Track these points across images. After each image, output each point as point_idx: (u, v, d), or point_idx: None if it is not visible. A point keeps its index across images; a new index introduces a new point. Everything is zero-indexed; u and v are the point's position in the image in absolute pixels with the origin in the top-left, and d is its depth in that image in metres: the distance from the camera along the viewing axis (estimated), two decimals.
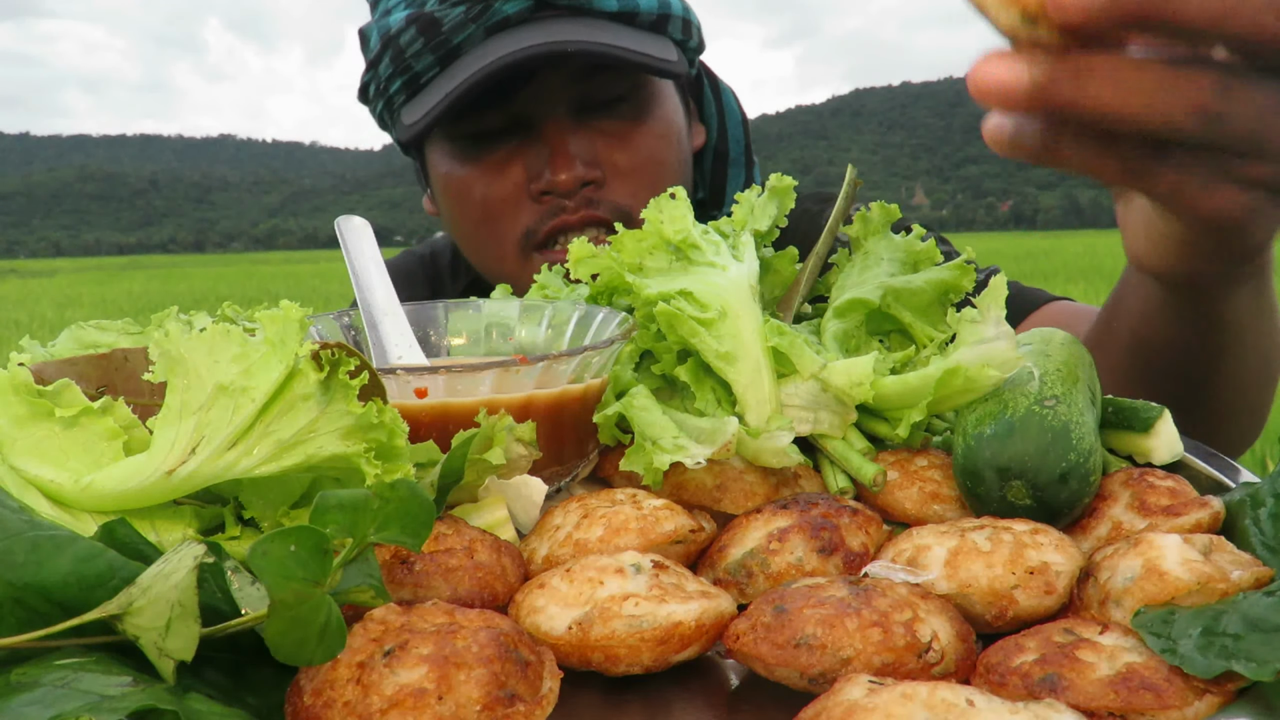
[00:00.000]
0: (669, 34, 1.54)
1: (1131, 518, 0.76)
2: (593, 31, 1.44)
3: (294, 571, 0.52)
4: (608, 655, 0.63)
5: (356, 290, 1.05)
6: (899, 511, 0.84)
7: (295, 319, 0.67)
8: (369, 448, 0.67)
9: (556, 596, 0.66)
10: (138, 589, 0.53)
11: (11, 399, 0.70)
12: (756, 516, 0.77)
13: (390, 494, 0.59)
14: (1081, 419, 0.78)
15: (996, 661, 0.60)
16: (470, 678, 0.54)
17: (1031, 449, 0.76)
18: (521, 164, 1.52)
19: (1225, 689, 0.56)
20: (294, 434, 0.66)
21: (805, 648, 0.60)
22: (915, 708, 0.50)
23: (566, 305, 1.07)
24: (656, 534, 0.75)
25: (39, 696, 0.48)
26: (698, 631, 0.63)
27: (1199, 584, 0.62)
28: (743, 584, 0.73)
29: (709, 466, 0.84)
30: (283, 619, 0.52)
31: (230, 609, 0.57)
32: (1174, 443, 0.87)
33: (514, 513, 0.83)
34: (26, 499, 0.67)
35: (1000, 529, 0.70)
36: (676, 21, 1.56)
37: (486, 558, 0.71)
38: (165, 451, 0.67)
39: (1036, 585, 0.66)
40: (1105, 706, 0.55)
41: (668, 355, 0.97)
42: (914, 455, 0.88)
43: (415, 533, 0.59)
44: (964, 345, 0.84)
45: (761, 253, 1.07)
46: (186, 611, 0.52)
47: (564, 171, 1.47)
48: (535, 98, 1.48)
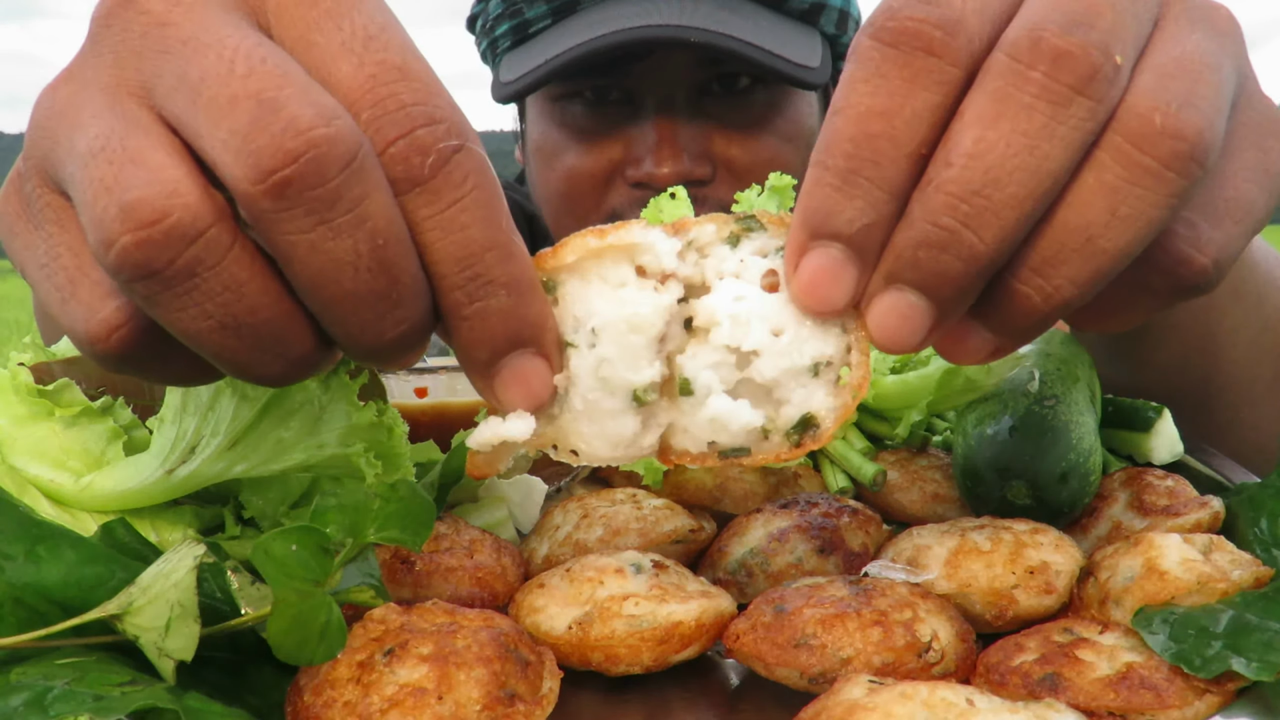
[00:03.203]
0: (820, 26, 1.38)
1: (1131, 517, 0.76)
2: (730, 17, 1.28)
3: (295, 571, 0.52)
4: (608, 655, 0.63)
5: None
6: (899, 511, 0.84)
7: None
8: (369, 448, 0.67)
9: (556, 596, 0.66)
10: (138, 589, 0.53)
11: (11, 399, 0.70)
12: (756, 516, 0.77)
13: (390, 494, 0.59)
14: (1081, 419, 0.78)
15: (996, 661, 0.60)
16: (470, 678, 0.54)
17: (1031, 449, 0.76)
18: (623, 143, 1.38)
19: (1225, 689, 0.56)
20: (294, 434, 0.66)
21: (805, 647, 0.60)
22: (915, 707, 0.50)
23: None
24: (656, 534, 0.75)
25: (39, 696, 0.48)
26: (698, 631, 0.63)
27: (1199, 584, 0.62)
28: (743, 584, 0.73)
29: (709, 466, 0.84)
30: (284, 618, 0.52)
31: (230, 609, 0.57)
32: (1174, 443, 0.87)
33: (514, 513, 0.83)
34: (26, 499, 0.67)
35: (1000, 529, 0.70)
36: (832, 13, 1.39)
37: (486, 558, 0.71)
38: (165, 451, 0.67)
39: (1036, 585, 0.66)
40: (1105, 706, 0.55)
41: None
42: (914, 455, 0.88)
43: (415, 533, 0.59)
44: None
45: None
46: (186, 611, 0.52)
47: (667, 164, 1.33)
48: (650, 75, 1.34)
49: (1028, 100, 0.45)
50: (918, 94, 0.46)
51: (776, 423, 0.52)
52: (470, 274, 0.47)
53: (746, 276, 0.52)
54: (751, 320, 0.51)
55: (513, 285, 0.48)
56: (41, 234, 0.50)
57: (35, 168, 0.50)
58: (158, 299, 0.45)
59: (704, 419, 0.52)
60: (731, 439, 0.53)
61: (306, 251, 0.44)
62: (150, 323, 0.48)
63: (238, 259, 0.45)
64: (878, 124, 0.46)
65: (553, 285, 0.52)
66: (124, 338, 0.48)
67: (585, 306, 0.52)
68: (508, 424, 0.51)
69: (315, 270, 0.44)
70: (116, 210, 0.43)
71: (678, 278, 0.52)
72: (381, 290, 0.45)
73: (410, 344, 0.48)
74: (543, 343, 0.50)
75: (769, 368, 0.51)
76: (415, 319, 0.47)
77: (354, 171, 0.44)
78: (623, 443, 0.53)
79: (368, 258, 0.45)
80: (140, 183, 0.43)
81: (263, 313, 0.46)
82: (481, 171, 0.47)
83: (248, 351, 0.47)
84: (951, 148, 0.46)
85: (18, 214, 0.52)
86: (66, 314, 0.49)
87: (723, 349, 0.52)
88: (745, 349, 0.51)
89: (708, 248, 0.53)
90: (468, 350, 0.50)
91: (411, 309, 0.47)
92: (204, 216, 0.44)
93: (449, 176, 0.46)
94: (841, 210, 0.47)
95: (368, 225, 0.44)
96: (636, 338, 0.51)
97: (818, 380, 0.52)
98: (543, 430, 0.53)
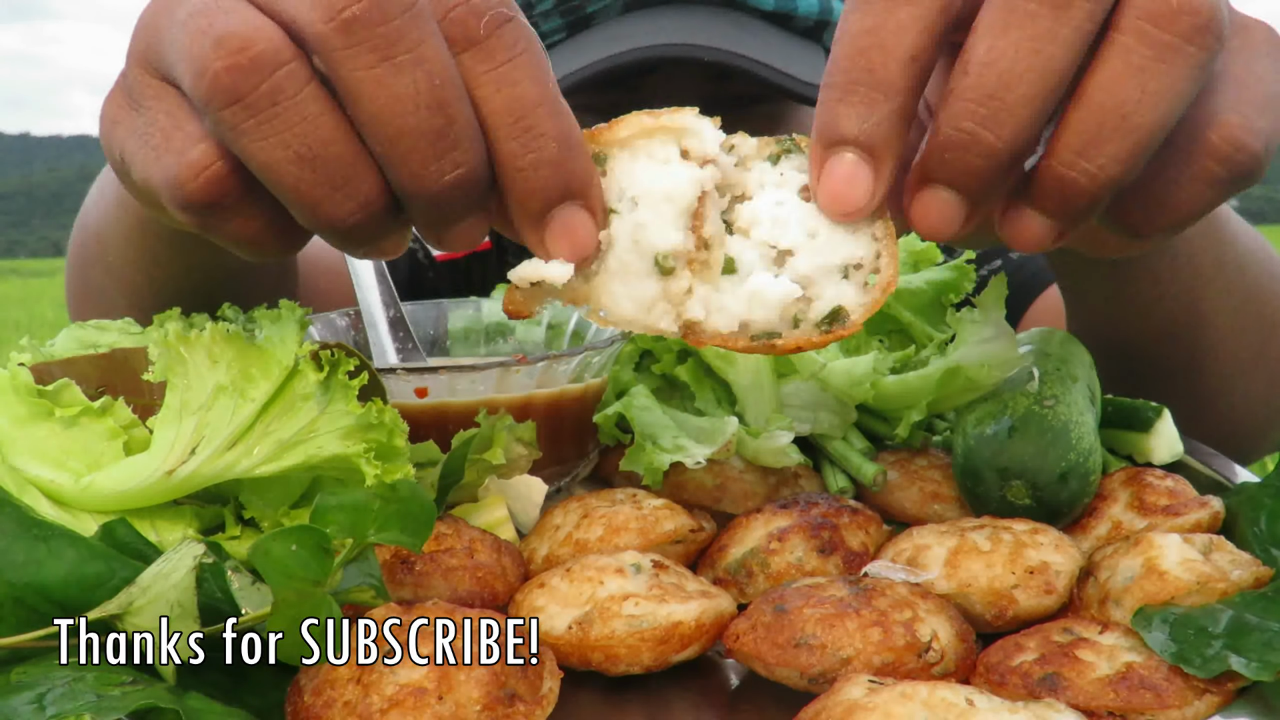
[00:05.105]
0: (824, 42, 1.41)
1: (1131, 517, 0.76)
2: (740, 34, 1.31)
3: (295, 571, 0.52)
4: (608, 655, 0.63)
5: (357, 290, 1.05)
6: (899, 511, 0.84)
7: (295, 319, 0.67)
8: (369, 448, 0.67)
9: (556, 596, 0.66)
10: (138, 589, 0.53)
11: (11, 399, 0.70)
12: (756, 516, 0.77)
13: (390, 494, 0.59)
14: (1081, 419, 0.78)
15: (996, 661, 0.60)
16: (470, 678, 0.54)
17: (1031, 449, 0.76)
18: None
19: (1225, 689, 0.56)
20: (294, 434, 0.66)
21: (805, 648, 0.60)
22: (915, 707, 0.50)
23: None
24: (656, 534, 0.75)
25: (39, 696, 0.48)
26: (698, 631, 0.63)
27: (1199, 584, 0.62)
28: (743, 584, 0.73)
29: (709, 466, 0.84)
30: (284, 618, 0.52)
31: (230, 609, 0.57)
32: (1174, 443, 0.87)
33: (514, 513, 0.83)
34: (26, 499, 0.67)
35: (1000, 529, 0.71)
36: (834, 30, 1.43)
37: (486, 558, 0.71)
38: (165, 451, 0.67)
39: (1036, 585, 0.66)
40: (1105, 706, 0.55)
41: (668, 355, 0.97)
42: (914, 455, 0.88)
43: (415, 533, 0.59)
44: (964, 345, 0.84)
45: None
46: (186, 611, 0.52)
47: None
48: (661, 87, 1.36)
49: (1032, 7, 0.50)
50: (900, 8, 0.52)
51: (808, 314, 0.57)
52: (523, 126, 0.52)
53: (786, 188, 0.58)
54: (790, 221, 0.57)
55: (562, 139, 0.53)
56: (141, 111, 0.57)
57: (138, 61, 0.57)
58: (243, 127, 0.51)
59: (744, 294, 0.57)
60: (766, 317, 0.57)
61: (372, 87, 0.50)
62: (234, 166, 0.53)
63: (313, 95, 0.51)
64: (866, 39, 0.52)
65: (603, 158, 0.57)
66: (210, 178, 0.53)
67: (630, 178, 0.57)
68: (549, 266, 0.56)
69: (379, 105, 0.50)
70: (210, 44, 0.50)
71: (718, 165, 0.57)
72: (439, 129, 0.51)
73: (469, 194, 0.53)
74: (590, 197, 0.55)
75: (804, 264, 0.56)
76: (472, 165, 0.52)
77: (413, 16, 0.50)
78: (644, 305, 0.57)
79: (426, 95, 0.50)
80: (232, 23, 0.51)
81: (334, 146, 0.51)
82: (530, 40, 0.53)
83: (321, 186, 0.52)
84: (968, 58, 0.51)
85: (120, 106, 0.59)
86: (160, 167, 0.55)
87: (763, 244, 0.57)
88: (783, 246, 0.57)
89: (749, 160, 0.59)
90: (522, 201, 0.54)
91: (467, 153, 0.52)
92: (284, 51, 0.50)
93: (501, 38, 0.52)
94: (845, 116, 0.53)
95: (425, 66, 0.50)
96: (669, 206, 0.56)
97: (848, 281, 0.56)
98: (578, 287, 0.57)
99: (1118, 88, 0.50)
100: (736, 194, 0.59)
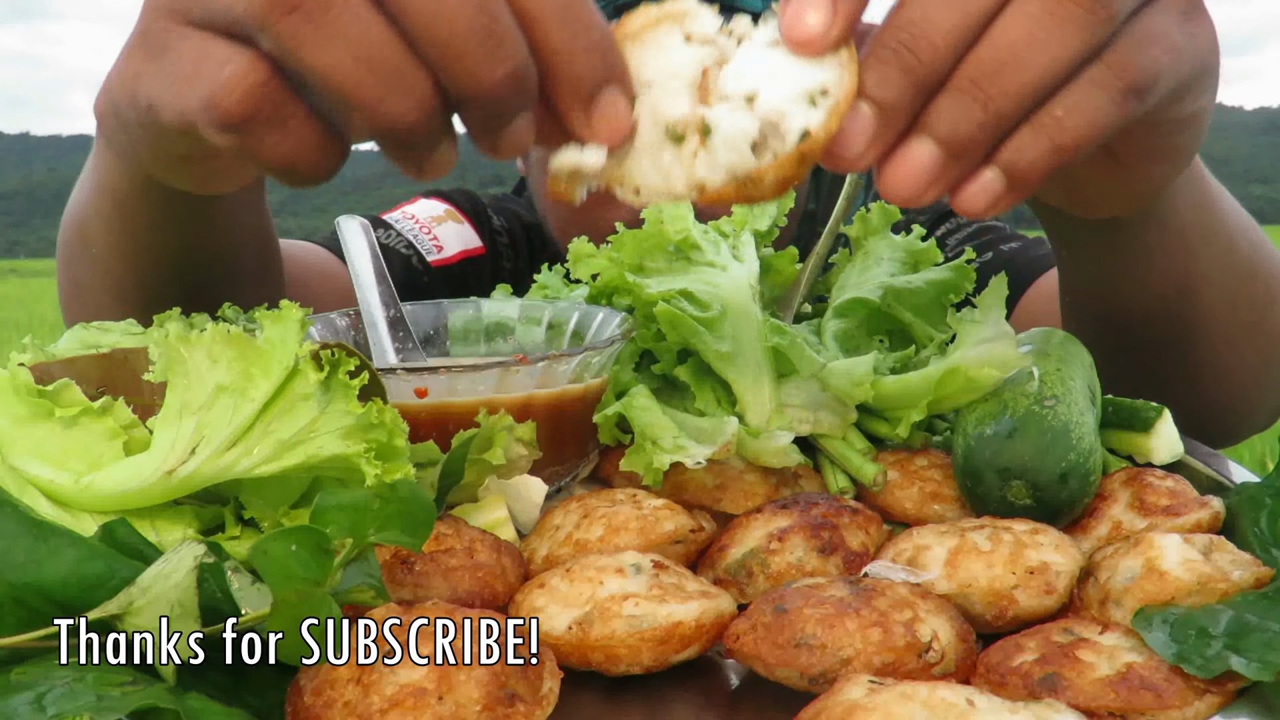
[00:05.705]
0: None
1: (1131, 518, 0.76)
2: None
3: (295, 571, 0.52)
4: (608, 655, 0.63)
5: (357, 290, 1.05)
6: (899, 511, 0.84)
7: (295, 319, 0.67)
8: (369, 448, 0.67)
9: (556, 596, 0.66)
10: (138, 589, 0.53)
11: (11, 399, 0.70)
12: (756, 516, 0.77)
13: (390, 494, 0.59)
14: (1081, 419, 0.78)
15: (996, 661, 0.60)
16: (470, 678, 0.54)
17: (1031, 449, 0.76)
18: None
19: (1225, 689, 0.56)
20: (294, 434, 0.66)
21: (805, 648, 0.60)
22: (915, 707, 0.50)
23: (566, 305, 1.07)
24: (656, 534, 0.75)
25: (39, 696, 0.48)
26: (698, 631, 0.63)
27: (1199, 584, 0.62)
28: (743, 584, 0.73)
29: (709, 466, 0.84)
30: (284, 618, 0.52)
31: (230, 609, 0.57)
32: (1174, 443, 0.87)
33: (514, 513, 0.83)
34: (26, 499, 0.67)
35: (1000, 529, 0.70)
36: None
37: (486, 558, 0.71)
38: (165, 451, 0.67)
39: (1036, 585, 0.66)
40: (1105, 706, 0.55)
41: (668, 355, 0.97)
42: (914, 455, 0.88)
43: (415, 533, 0.59)
44: (964, 345, 0.84)
45: (761, 253, 1.07)
46: (186, 611, 0.52)
47: None
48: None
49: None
50: None
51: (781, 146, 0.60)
52: (573, 15, 0.56)
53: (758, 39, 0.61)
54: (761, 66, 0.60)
55: (603, 27, 0.57)
56: (165, 55, 0.59)
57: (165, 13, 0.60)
58: (302, 34, 0.52)
59: (719, 145, 0.60)
60: (741, 158, 0.60)
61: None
62: (268, 77, 0.55)
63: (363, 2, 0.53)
64: None
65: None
66: (248, 89, 0.55)
67: (642, 65, 0.61)
68: (584, 152, 0.59)
69: (430, 12, 0.53)
70: None
71: (716, 45, 0.61)
72: (486, 27, 0.53)
73: (520, 88, 0.55)
74: (626, 81, 0.59)
75: (770, 99, 0.59)
76: (520, 59, 0.55)
77: None
78: (664, 174, 0.61)
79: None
80: None
81: (388, 48, 0.53)
82: None
83: (380, 86, 0.53)
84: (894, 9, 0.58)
85: (140, 60, 0.62)
86: (194, 93, 0.57)
87: (737, 98, 0.60)
88: (748, 88, 0.60)
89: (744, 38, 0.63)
90: (574, 86, 0.57)
91: (513, 47, 0.54)
92: None
93: None
94: None
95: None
96: (675, 81, 0.60)
97: (816, 109, 0.59)
98: (612, 170, 0.61)
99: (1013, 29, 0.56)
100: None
